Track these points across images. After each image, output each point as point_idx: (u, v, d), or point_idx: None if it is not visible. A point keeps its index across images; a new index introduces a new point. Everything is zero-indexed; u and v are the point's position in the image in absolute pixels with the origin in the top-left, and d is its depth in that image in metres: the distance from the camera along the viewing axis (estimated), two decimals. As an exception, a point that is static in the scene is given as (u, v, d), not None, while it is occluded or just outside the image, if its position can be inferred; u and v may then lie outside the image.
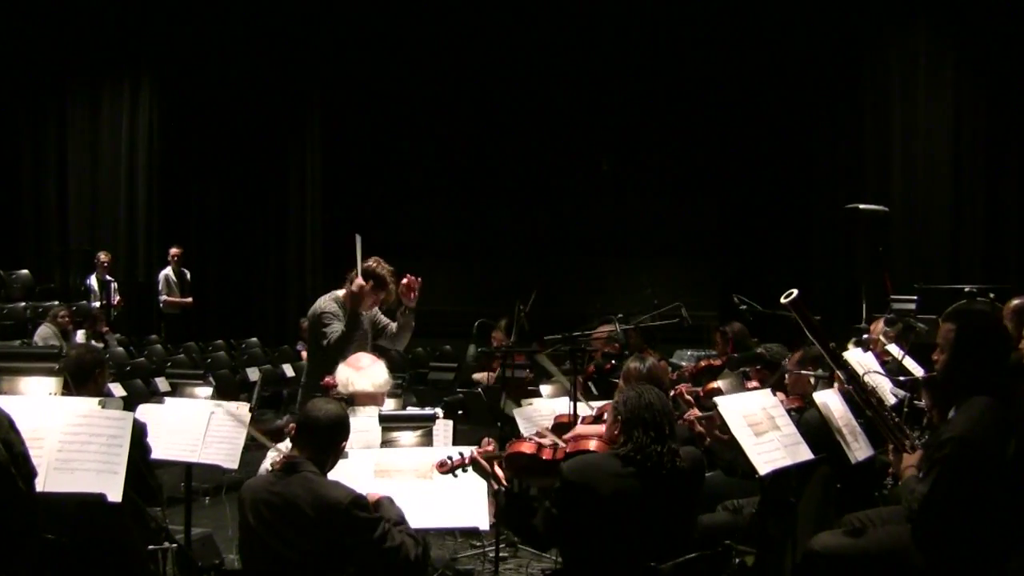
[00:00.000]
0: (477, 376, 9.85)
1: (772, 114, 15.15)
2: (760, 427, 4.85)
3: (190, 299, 14.96)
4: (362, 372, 5.28)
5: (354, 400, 5.10)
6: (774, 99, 15.09)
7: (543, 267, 16.40)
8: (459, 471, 4.34)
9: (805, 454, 4.91)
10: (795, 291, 4.74)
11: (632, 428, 4.15)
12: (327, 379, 5.20)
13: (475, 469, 4.35)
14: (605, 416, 4.62)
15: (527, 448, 4.65)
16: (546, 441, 4.67)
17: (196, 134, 16.65)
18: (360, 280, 6.41)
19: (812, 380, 5.79)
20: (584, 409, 5.89)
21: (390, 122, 17.91)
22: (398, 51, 17.11)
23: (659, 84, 16.40)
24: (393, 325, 6.85)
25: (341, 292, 6.70)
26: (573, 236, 17.92)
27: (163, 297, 14.74)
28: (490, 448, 4.45)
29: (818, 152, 14.75)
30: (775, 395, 5.32)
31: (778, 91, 15.00)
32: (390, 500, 4.17)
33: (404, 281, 6.60)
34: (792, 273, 14.09)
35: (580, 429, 4.73)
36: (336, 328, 6.45)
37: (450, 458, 4.34)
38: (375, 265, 6.64)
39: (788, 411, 5.21)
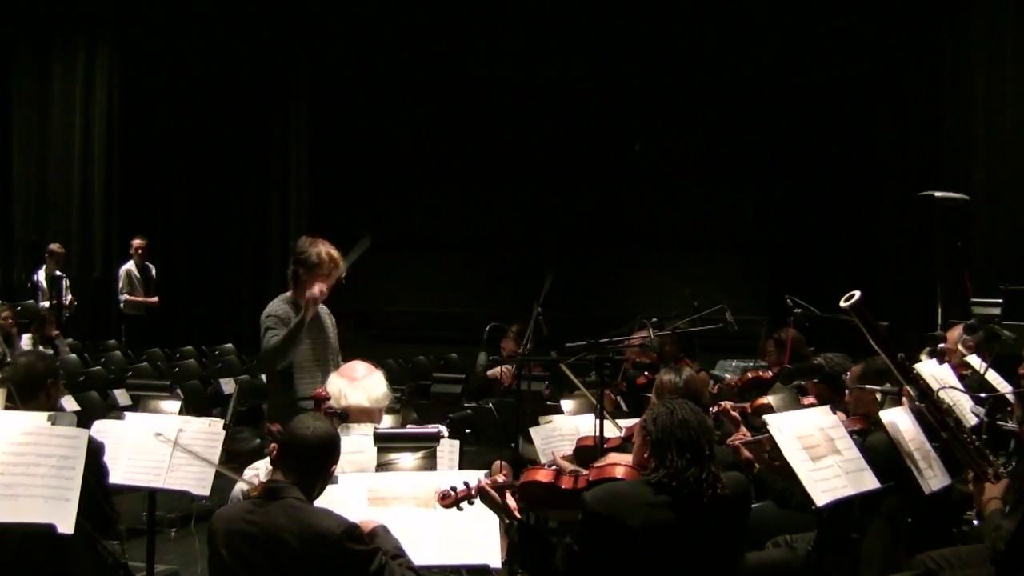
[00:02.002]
0: (493, 373, 9.87)
1: (832, 86, 15.08)
2: (817, 450, 4.83)
3: (155, 298, 14.99)
4: (356, 384, 5.26)
5: (348, 415, 5.10)
6: (834, 69, 15.01)
7: (564, 263, 16.38)
8: (465, 503, 4.33)
9: (870, 482, 4.89)
10: (857, 293, 4.73)
11: (664, 450, 4.14)
12: (319, 390, 5.20)
13: (483, 500, 4.34)
14: (634, 439, 4.61)
15: (544, 476, 4.64)
16: (566, 468, 4.67)
17: (163, 107, 16.69)
18: (321, 287, 6.57)
19: (878, 397, 5.77)
20: (612, 429, 5.89)
21: (386, 97, 17.91)
22: (395, 17, 17.12)
23: (700, 50, 16.35)
24: None
25: (290, 293, 6.80)
26: (600, 227, 17.88)
27: (124, 296, 14.78)
28: (501, 477, 4.44)
29: (886, 130, 14.67)
30: (835, 414, 5.31)
31: (839, 59, 14.92)
32: (384, 529, 4.16)
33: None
34: (855, 271, 14.05)
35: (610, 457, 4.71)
36: (268, 342, 6.57)
37: (454, 489, 4.33)
38: (308, 244, 6.74)
39: (850, 432, 5.20)
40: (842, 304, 4.75)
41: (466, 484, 4.33)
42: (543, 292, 7.97)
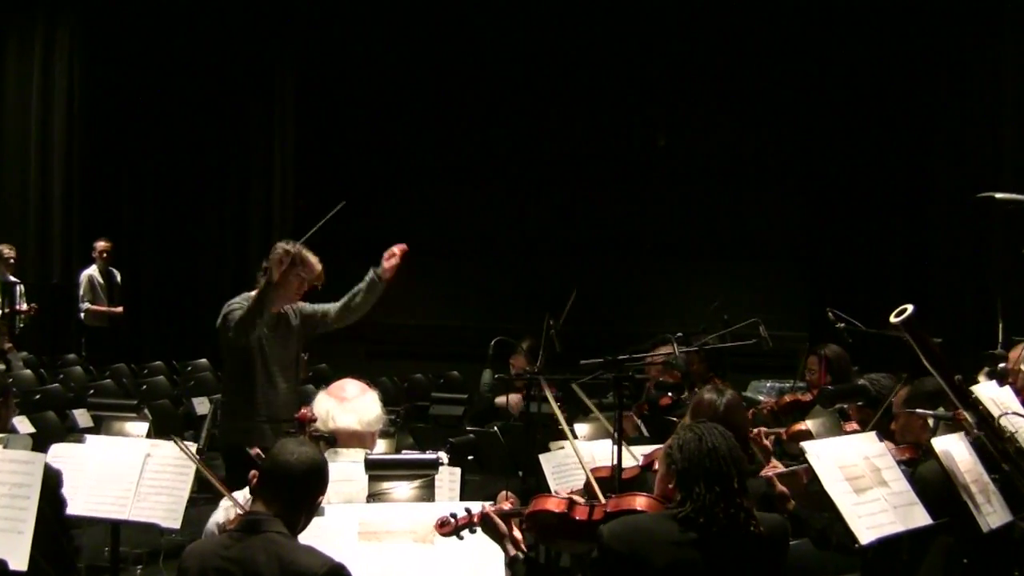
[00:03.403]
0: (500, 400, 9.87)
1: (882, 76, 15.05)
2: (862, 482, 4.84)
3: (120, 308, 15.00)
4: (346, 404, 5.24)
5: (336, 440, 5.10)
6: (885, 57, 14.98)
7: (579, 271, 16.38)
8: (465, 532, 4.33)
9: (921, 518, 4.89)
10: (910, 307, 4.73)
11: (691, 481, 4.15)
12: (303, 411, 5.20)
13: (485, 530, 4.33)
14: (656, 467, 4.61)
15: (555, 505, 4.64)
16: (580, 498, 4.67)
17: (131, 95, 16.68)
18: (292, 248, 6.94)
19: (929, 422, 5.75)
20: (630, 458, 5.88)
21: (382, 87, 17.92)
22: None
23: (733, 35, 16.34)
24: (332, 307, 7.37)
25: (255, 292, 7.11)
26: (619, 231, 17.88)
27: (85, 304, 14.78)
28: (507, 504, 4.44)
29: (942, 125, 14.65)
30: (882, 441, 5.30)
31: (891, 47, 14.89)
32: None
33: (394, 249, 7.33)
34: (904, 282, 14.03)
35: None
36: (237, 309, 6.88)
37: (454, 516, 4.32)
38: (287, 245, 7.15)
39: (899, 462, 5.19)
40: (892, 319, 4.76)
41: (468, 511, 4.32)
42: (566, 309, 7.99)
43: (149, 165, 16.96)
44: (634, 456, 5.98)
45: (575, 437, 6.59)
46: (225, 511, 4.76)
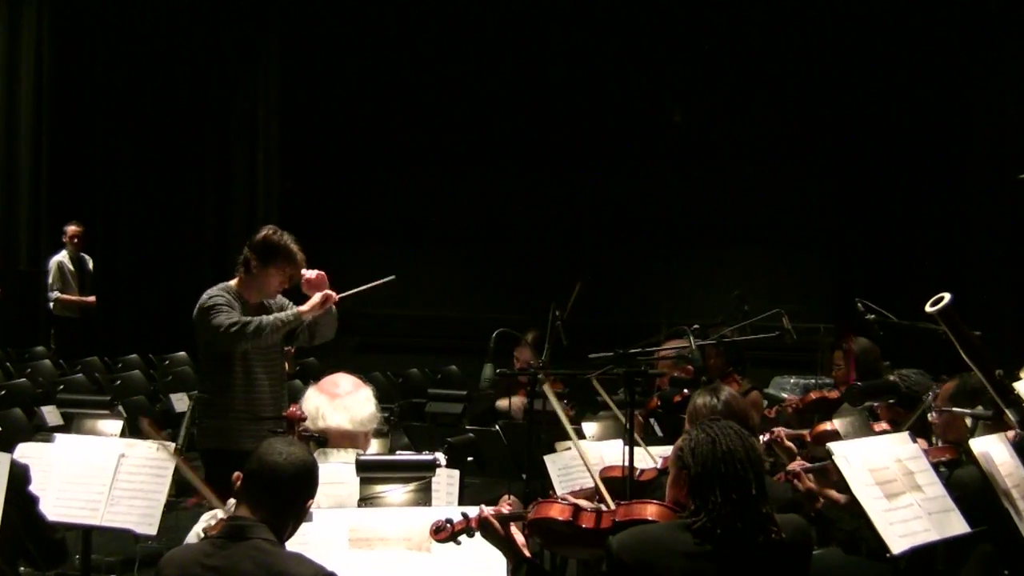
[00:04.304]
0: (501, 403, 9.86)
1: (912, 51, 15.04)
2: (893, 486, 4.83)
3: (92, 297, 14.99)
4: (338, 402, 5.22)
5: (327, 439, 5.08)
6: (915, 31, 14.96)
7: (587, 258, 16.37)
8: (463, 537, 4.31)
9: (957, 526, 4.88)
10: (947, 296, 4.72)
11: (705, 488, 4.11)
12: (292, 408, 5.18)
13: (485, 535, 4.32)
14: (669, 471, 4.59)
15: (559, 513, 4.62)
16: (586, 504, 4.65)
17: (104, 67, 16.66)
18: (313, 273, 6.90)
19: (968, 422, 5.74)
20: (644, 458, 5.87)
21: (374, 60, 17.88)
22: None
23: (755, 5, 16.31)
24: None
25: (233, 282, 7.11)
26: (630, 216, 17.85)
27: (55, 293, 14.78)
28: (507, 508, 4.42)
29: (977, 102, 14.64)
30: (915, 442, 5.29)
31: (922, 20, 14.87)
32: None
33: (309, 276, 7.06)
34: (939, 270, 14.01)
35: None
36: (231, 318, 6.78)
37: (450, 520, 4.31)
38: (272, 234, 7.08)
39: (935, 464, 5.18)
40: (928, 309, 4.75)
41: (464, 516, 4.31)
42: (570, 303, 7.98)
43: (124, 143, 16.94)
44: (652, 457, 5.96)
45: (581, 437, 6.58)
46: (207, 520, 4.74)
